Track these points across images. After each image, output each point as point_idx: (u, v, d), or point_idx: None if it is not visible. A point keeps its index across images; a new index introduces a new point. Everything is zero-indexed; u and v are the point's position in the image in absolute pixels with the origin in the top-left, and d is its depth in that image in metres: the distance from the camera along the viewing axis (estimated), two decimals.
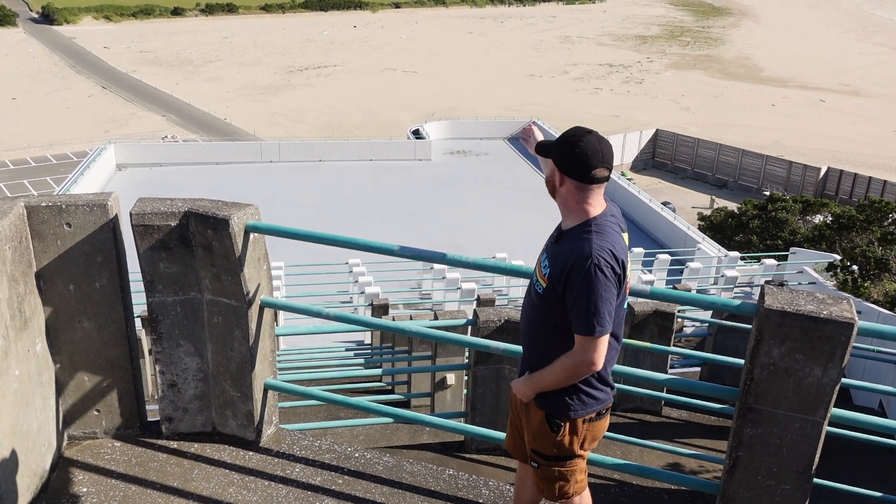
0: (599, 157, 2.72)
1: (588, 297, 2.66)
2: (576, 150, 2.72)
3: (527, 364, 3.06)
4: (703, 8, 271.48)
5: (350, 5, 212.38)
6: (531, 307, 2.98)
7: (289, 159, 38.37)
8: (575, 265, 2.68)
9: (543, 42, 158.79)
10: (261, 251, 3.96)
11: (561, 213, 2.89)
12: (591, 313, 2.66)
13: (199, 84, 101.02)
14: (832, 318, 3.03)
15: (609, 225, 2.82)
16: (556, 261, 2.80)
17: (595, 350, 2.72)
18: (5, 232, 3.43)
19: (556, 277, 2.76)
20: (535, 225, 30.44)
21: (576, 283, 2.68)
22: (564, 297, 2.74)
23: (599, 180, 2.79)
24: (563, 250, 2.78)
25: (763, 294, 3.20)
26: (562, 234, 2.86)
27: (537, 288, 2.90)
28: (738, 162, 63.85)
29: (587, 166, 2.72)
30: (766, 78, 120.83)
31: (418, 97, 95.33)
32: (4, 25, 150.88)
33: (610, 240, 2.74)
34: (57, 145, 67.73)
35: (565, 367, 2.80)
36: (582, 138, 2.73)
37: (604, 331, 2.70)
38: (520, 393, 3.01)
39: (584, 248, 2.69)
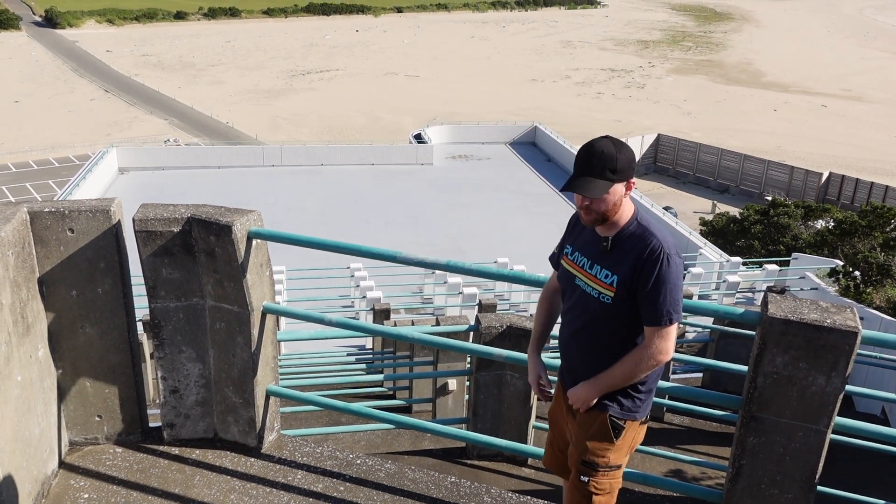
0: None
1: (664, 286, 2.68)
2: (628, 153, 2.75)
3: (580, 372, 2.98)
4: (705, 13, 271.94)
5: (352, 10, 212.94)
6: (589, 318, 2.90)
7: (291, 163, 38.40)
8: (647, 260, 2.70)
9: (545, 46, 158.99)
10: (263, 257, 3.96)
11: (602, 226, 2.86)
12: (666, 302, 2.69)
13: (201, 88, 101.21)
14: (836, 327, 3.02)
15: (648, 217, 2.84)
16: (621, 265, 2.77)
17: (669, 338, 2.74)
18: (8, 238, 3.44)
19: (628, 280, 2.74)
20: (536, 229, 30.48)
21: (650, 276, 2.69)
22: (636, 296, 2.74)
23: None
24: (626, 252, 2.77)
25: (766, 302, 3.20)
26: (611, 242, 2.83)
27: (603, 299, 2.82)
28: (739, 167, 63.82)
29: (634, 163, 2.79)
30: (767, 83, 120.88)
31: (420, 101, 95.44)
32: (7, 29, 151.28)
33: (662, 227, 2.79)
34: (59, 148, 67.83)
35: (638, 361, 2.79)
36: (620, 142, 2.76)
37: (679, 318, 2.72)
38: (582, 398, 2.93)
39: (650, 241, 2.72)
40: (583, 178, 2.76)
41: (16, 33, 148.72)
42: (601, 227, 2.85)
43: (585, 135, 74.92)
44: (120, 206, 3.93)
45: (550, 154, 41.79)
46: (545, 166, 40.13)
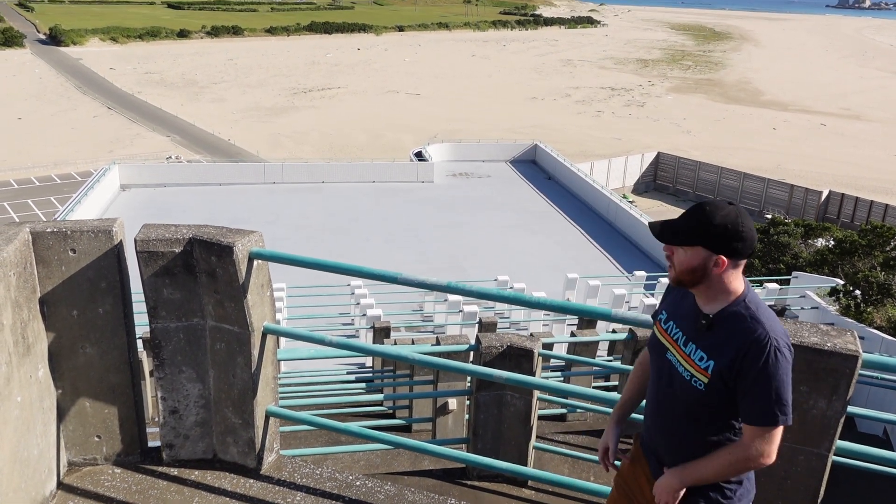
0: (755, 230, 2.55)
1: (769, 383, 2.42)
2: (742, 231, 2.47)
3: (665, 459, 2.77)
4: (704, 32, 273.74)
5: (354, 28, 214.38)
6: (677, 400, 2.68)
7: (292, 180, 38.50)
8: (750, 352, 2.44)
9: (545, 65, 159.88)
10: (264, 278, 3.96)
11: (701, 298, 2.61)
12: (772, 402, 2.43)
13: (203, 105, 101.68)
14: (836, 351, 3.02)
15: (760, 299, 2.58)
16: (719, 351, 2.52)
17: (772, 441, 2.48)
18: (10, 258, 3.45)
19: (725, 370, 2.50)
20: (536, 247, 30.51)
21: (754, 370, 2.44)
22: (735, 388, 2.50)
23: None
24: (726, 337, 2.51)
25: None
26: (711, 320, 2.57)
27: (695, 383, 2.58)
28: (739, 185, 63.98)
29: (754, 242, 2.52)
30: (766, 102, 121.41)
31: (421, 119, 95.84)
32: (12, 46, 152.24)
33: (773, 316, 2.52)
34: (61, 165, 68.03)
35: (734, 462, 2.55)
36: (740, 216, 2.50)
37: (787, 420, 2.46)
38: (666, 490, 2.68)
39: (757, 330, 2.46)
40: (673, 224, 2.59)
41: (20, 51, 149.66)
42: (702, 299, 2.61)
43: (586, 153, 75.32)
44: (122, 227, 3.94)
45: (551, 172, 41.90)
46: (545, 184, 40.22)
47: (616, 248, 30.70)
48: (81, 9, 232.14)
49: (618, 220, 33.10)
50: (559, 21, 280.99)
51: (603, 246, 30.90)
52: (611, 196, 34.77)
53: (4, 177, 64.48)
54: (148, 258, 3.79)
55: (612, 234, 32.55)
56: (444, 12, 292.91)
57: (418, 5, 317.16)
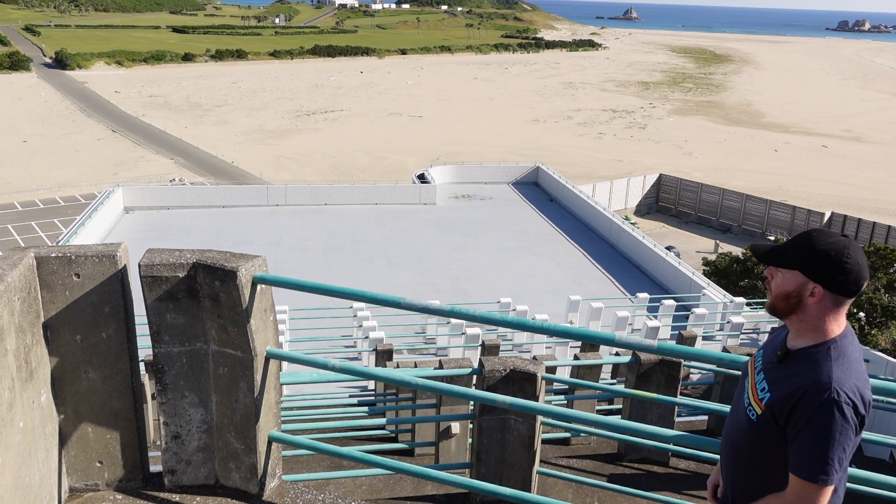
0: (867, 267, 2.36)
1: (817, 437, 2.23)
2: (846, 261, 2.30)
3: (728, 487, 2.68)
4: (705, 55, 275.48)
5: (357, 52, 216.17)
6: (737, 428, 2.58)
7: (295, 203, 38.61)
8: (806, 396, 2.27)
9: (547, 88, 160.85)
10: (268, 302, 3.97)
11: (793, 331, 2.47)
12: (817, 458, 2.24)
13: (207, 128, 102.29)
14: None
15: (851, 348, 2.37)
16: (779, 385, 2.38)
17: (816, 500, 2.28)
18: (15, 283, 3.45)
19: (777, 405, 2.35)
20: (539, 269, 30.50)
21: (804, 417, 2.26)
22: (785, 429, 2.34)
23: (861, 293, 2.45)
24: (792, 374, 2.36)
25: None
26: (789, 354, 2.43)
27: (749, 413, 2.48)
28: (741, 207, 64.05)
29: (860, 278, 2.32)
30: (768, 123, 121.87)
31: (423, 141, 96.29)
32: (18, 70, 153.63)
33: (854, 370, 2.30)
34: (66, 187, 68.36)
35: None
36: (848, 247, 2.32)
37: (829, 481, 2.25)
38: None
39: (822, 376, 2.27)
40: (777, 245, 2.50)
41: (26, 74, 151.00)
42: (793, 332, 2.48)
43: (588, 175, 75.52)
44: (126, 251, 3.95)
45: (553, 194, 42.00)
46: (548, 206, 40.29)
47: (618, 269, 30.67)
48: (87, 33, 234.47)
49: (620, 241, 33.11)
50: (560, 44, 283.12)
51: (605, 268, 30.88)
52: (613, 218, 34.80)
53: (9, 199, 64.78)
54: (152, 283, 3.79)
55: (615, 255, 32.54)
56: (446, 36, 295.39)
57: (421, 29, 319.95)
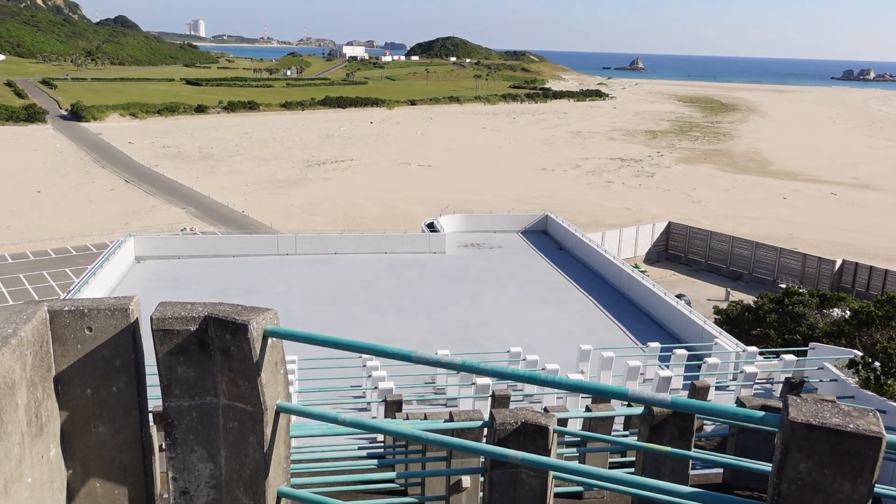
0: None
1: None
2: None
3: None
4: (712, 104, 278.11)
5: (367, 103, 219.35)
6: None
7: (305, 252, 38.77)
8: None
9: (555, 137, 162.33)
10: (278, 356, 3.96)
11: None
12: None
13: (218, 178, 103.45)
14: (859, 432, 2.96)
15: None
16: None
17: None
18: (28, 337, 3.47)
19: None
20: (549, 318, 30.35)
21: None
22: None
23: None
24: None
25: (787, 406, 3.15)
26: None
27: None
28: (752, 254, 63.85)
29: None
30: (776, 171, 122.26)
31: (433, 190, 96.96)
32: (35, 122, 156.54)
33: None
34: (78, 237, 68.97)
35: None
36: None
37: None
38: None
39: None
40: None
41: (42, 126, 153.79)
42: None
43: (597, 223, 75.66)
44: (138, 305, 3.97)
45: (562, 242, 42.04)
46: (557, 255, 40.30)
47: (629, 318, 30.49)
48: (103, 86, 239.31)
49: (630, 290, 32.98)
50: (568, 94, 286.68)
51: (616, 317, 30.70)
52: (623, 266, 34.73)
53: (21, 249, 65.36)
54: (163, 336, 3.80)
55: (625, 304, 32.38)
56: (455, 87, 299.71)
57: (430, 80, 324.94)
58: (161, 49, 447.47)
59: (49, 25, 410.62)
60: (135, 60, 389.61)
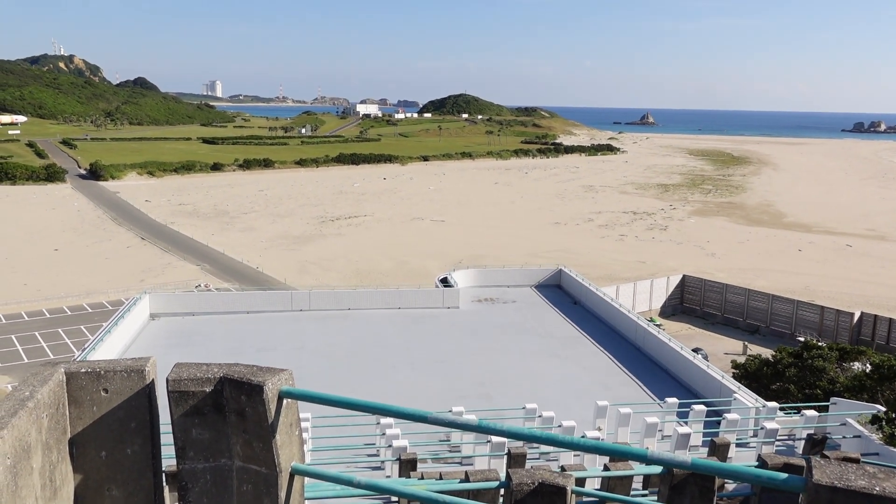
0: None
1: None
2: None
3: None
4: (723, 157, 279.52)
5: (380, 159, 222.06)
6: None
7: (318, 308, 38.80)
8: None
9: (567, 191, 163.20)
10: (293, 416, 3.94)
11: None
12: None
13: (233, 234, 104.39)
14: (886, 495, 2.89)
15: None
16: None
17: None
18: (44, 400, 3.48)
19: None
20: (564, 374, 30.04)
21: None
22: None
23: None
24: None
25: (810, 467, 3.09)
26: None
27: None
28: (768, 307, 63.23)
29: None
30: (790, 223, 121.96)
31: (446, 245, 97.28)
32: (54, 181, 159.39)
33: None
34: (94, 294, 69.45)
35: None
36: None
37: None
38: None
39: None
40: None
41: (61, 186, 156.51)
42: None
43: (611, 276, 75.42)
44: (154, 366, 3.98)
45: (576, 297, 41.87)
46: (572, 309, 40.09)
47: (646, 373, 30.11)
48: (121, 145, 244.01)
49: (646, 344, 32.66)
50: (579, 149, 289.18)
51: (632, 371, 30.34)
52: (638, 320, 34.47)
53: (37, 307, 65.82)
54: (179, 398, 3.80)
55: (641, 359, 32.03)
56: (467, 142, 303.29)
57: (442, 136, 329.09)
58: (179, 109, 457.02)
59: (70, 88, 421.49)
60: (153, 120, 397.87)
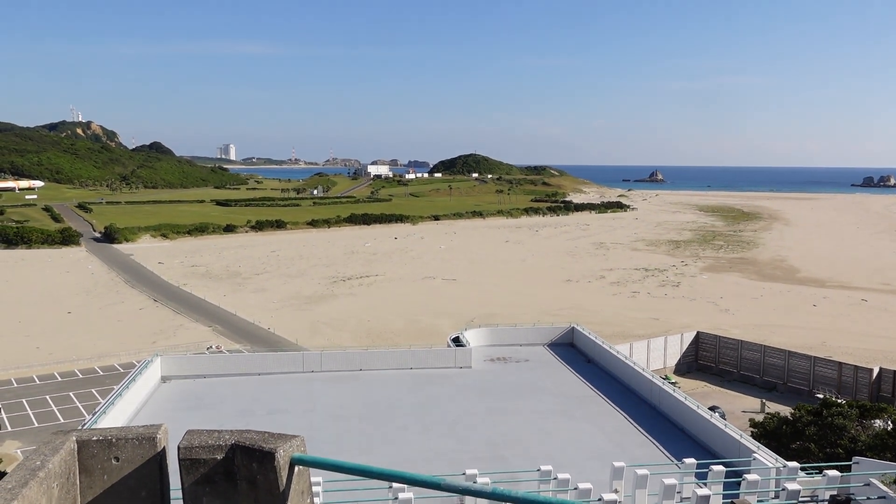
0: None
1: None
2: None
3: None
4: (733, 213, 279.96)
5: (392, 219, 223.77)
6: None
7: (330, 369, 38.59)
8: None
9: (578, 248, 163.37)
10: (305, 484, 3.89)
11: None
12: None
13: (245, 295, 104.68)
14: None
15: None
16: None
17: None
18: (55, 469, 3.46)
19: None
20: (579, 434, 29.55)
21: None
22: None
23: None
24: None
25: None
26: None
27: None
28: (785, 364, 62.36)
29: None
30: (803, 279, 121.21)
31: (458, 304, 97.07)
32: (69, 245, 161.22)
33: None
34: (105, 357, 69.43)
35: None
36: None
37: None
38: None
39: None
40: None
41: (76, 249, 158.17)
42: None
43: (624, 334, 74.84)
44: (166, 434, 3.96)
45: (590, 355, 41.49)
46: (585, 367, 39.69)
47: (662, 433, 29.58)
48: (136, 208, 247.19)
49: (662, 403, 32.17)
50: (589, 206, 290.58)
51: (648, 431, 29.81)
52: (653, 378, 34.03)
53: (49, 370, 65.79)
54: (190, 466, 3.77)
55: (658, 418, 31.50)
56: (477, 201, 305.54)
57: (453, 196, 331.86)
58: (193, 172, 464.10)
59: (87, 153, 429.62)
60: (167, 183, 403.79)
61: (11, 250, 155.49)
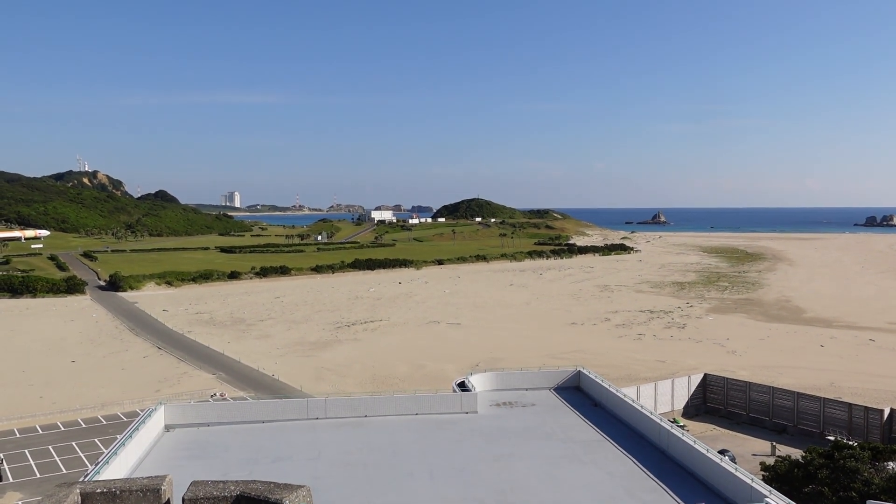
0: None
1: None
2: None
3: None
4: (737, 254, 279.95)
5: (395, 263, 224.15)
6: None
7: (335, 416, 38.24)
8: None
9: (583, 291, 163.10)
10: None
11: None
12: None
13: (249, 342, 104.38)
14: None
15: None
16: None
17: None
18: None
19: None
20: (588, 480, 29.11)
21: None
22: None
23: None
24: None
25: None
26: None
27: None
28: (794, 405, 61.67)
29: None
30: (810, 319, 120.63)
31: (463, 348, 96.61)
32: (74, 293, 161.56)
33: None
34: (109, 406, 68.99)
35: None
36: None
37: None
38: None
39: None
40: None
41: (81, 297, 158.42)
42: None
43: (630, 377, 74.31)
44: (170, 485, 3.93)
45: (596, 398, 41.10)
46: (592, 411, 39.28)
47: (672, 478, 29.11)
48: (141, 256, 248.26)
49: (671, 447, 31.72)
50: (593, 249, 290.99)
51: (657, 476, 29.34)
52: (661, 422, 33.61)
53: (52, 420, 65.34)
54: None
55: (667, 462, 31.04)
56: (481, 245, 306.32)
57: (456, 240, 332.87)
58: (197, 220, 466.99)
59: (93, 202, 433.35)
60: (172, 231, 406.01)
61: (17, 299, 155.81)
